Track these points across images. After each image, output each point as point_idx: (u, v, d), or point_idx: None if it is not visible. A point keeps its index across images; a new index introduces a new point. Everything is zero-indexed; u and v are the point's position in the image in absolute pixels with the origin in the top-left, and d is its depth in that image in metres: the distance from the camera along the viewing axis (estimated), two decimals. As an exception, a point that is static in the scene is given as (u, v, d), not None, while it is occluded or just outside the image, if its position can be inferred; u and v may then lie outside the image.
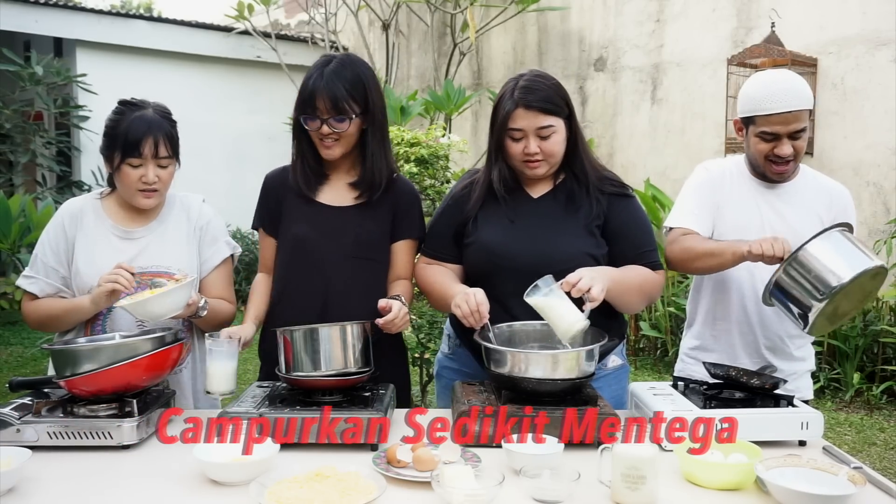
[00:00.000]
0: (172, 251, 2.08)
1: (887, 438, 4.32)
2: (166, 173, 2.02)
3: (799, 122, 2.06)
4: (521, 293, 1.81)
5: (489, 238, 2.03)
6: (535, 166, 1.99)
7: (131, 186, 2.00)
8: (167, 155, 2.00)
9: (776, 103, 2.04)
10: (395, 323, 1.91)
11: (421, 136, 3.66)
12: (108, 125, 2.01)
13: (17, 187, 7.81)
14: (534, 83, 1.96)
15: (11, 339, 6.54)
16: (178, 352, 1.89)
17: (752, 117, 2.11)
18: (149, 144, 1.96)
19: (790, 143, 2.08)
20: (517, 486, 1.45)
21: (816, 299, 1.85)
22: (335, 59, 2.05)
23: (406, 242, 2.16)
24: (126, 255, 2.02)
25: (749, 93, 2.12)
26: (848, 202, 2.23)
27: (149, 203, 2.04)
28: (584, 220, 2.02)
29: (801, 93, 2.06)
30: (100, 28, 8.06)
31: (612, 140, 6.95)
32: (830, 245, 1.89)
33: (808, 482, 1.44)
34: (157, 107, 2.05)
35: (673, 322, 5.77)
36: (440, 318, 3.64)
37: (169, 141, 2.01)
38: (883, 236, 5.03)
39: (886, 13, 5.20)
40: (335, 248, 2.06)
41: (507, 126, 1.96)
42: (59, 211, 2.11)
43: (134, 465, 1.64)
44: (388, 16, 7.34)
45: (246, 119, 8.79)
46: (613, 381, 2.11)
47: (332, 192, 2.12)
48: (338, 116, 1.99)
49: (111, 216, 2.08)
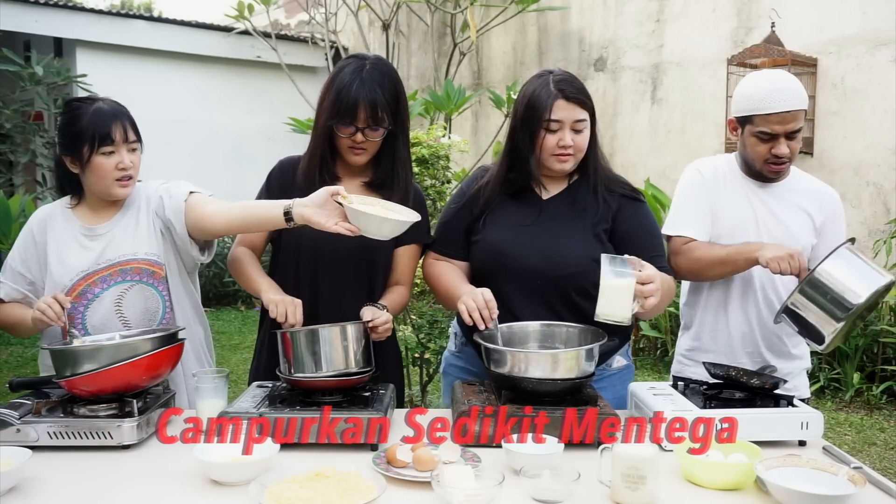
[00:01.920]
0: (134, 236, 2.08)
1: (887, 438, 4.32)
2: (136, 158, 2.06)
3: (796, 121, 2.07)
4: (525, 294, 1.81)
5: (496, 237, 2.03)
6: (565, 160, 1.99)
7: (107, 177, 2.02)
8: (135, 139, 2.04)
9: (775, 103, 2.05)
10: (378, 331, 1.90)
11: (422, 136, 3.66)
12: (65, 124, 2.02)
13: (17, 187, 7.82)
14: (569, 77, 1.99)
15: (11, 339, 6.54)
16: (177, 352, 1.89)
17: (749, 117, 2.11)
18: (118, 129, 2.00)
19: (786, 143, 2.09)
20: (517, 486, 1.45)
21: (836, 319, 1.87)
22: (369, 64, 1.98)
23: (410, 248, 2.15)
24: (94, 251, 2.06)
25: (747, 92, 2.12)
26: (837, 206, 2.24)
27: (126, 192, 2.06)
28: (592, 223, 2.02)
29: (798, 92, 2.07)
30: (100, 28, 8.06)
31: (612, 140, 6.95)
32: (843, 263, 1.90)
33: (808, 482, 1.44)
34: (108, 100, 2.08)
35: (673, 322, 5.77)
36: (440, 317, 3.64)
37: (131, 125, 2.04)
38: (883, 236, 5.03)
39: (886, 13, 5.20)
40: (340, 248, 2.05)
41: (546, 117, 1.94)
42: (30, 219, 2.15)
43: (134, 465, 1.64)
44: (388, 16, 7.34)
45: (246, 119, 8.79)
46: (618, 381, 2.11)
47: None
48: (374, 126, 1.97)
49: (79, 218, 2.11)
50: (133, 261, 2.06)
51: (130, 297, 2.05)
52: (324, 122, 2.00)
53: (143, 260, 2.07)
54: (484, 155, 5.23)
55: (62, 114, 2.06)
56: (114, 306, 2.04)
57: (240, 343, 6.57)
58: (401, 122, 2.04)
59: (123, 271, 2.06)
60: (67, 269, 2.04)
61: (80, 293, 2.03)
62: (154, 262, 2.08)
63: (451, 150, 3.76)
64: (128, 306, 2.05)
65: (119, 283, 2.04)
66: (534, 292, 1.96)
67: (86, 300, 2.03)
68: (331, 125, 1.98)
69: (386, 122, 1.98)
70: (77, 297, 2.03)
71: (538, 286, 1.97)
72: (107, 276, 2.05)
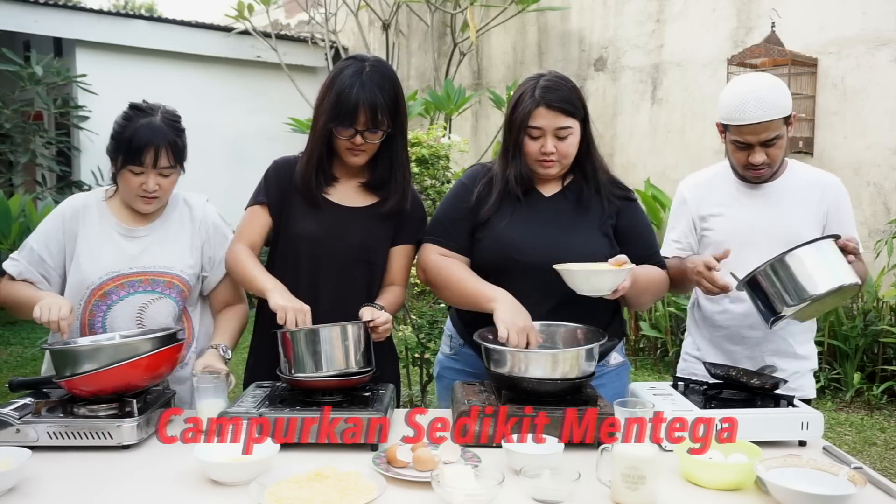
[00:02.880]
0: (174, 250, 2.08)
1: (887, 438, 4.32)
2: (168, 182, 2.02)
3: (770, 131, 2.05)
4: (535, 290, 1.81)
5: (505, 234, 2.02)
6: (548, 166, 2.00)
7: (131, 192, 2.01)
8: (169, 165, 1.98)
9: (745, 114, 2.04)
10: (378, 330, 1.90)
11: (422, 136, 3.66)
12: (115, 128, 1.99)
13: (17, 187, 7.82)
14: (555, 83, 1.98)
15: (11, 339, 6.54)
16: (177, 352, 1.89)
17: (725, 124, 2.12)
18: (150, 155, 1.94)
19: (763, 151, 2.09)
20: (517, 486, 1.45)
21: (790, 303, 1.89)
22: (369, 66, 1.97)
23: (405, 247, 2.15)
24: (128, 253, 2.03)
25: (723, 100, 2.12)
26: (840, 192, 2.22)
27: (148, 208, 2.04)
28: (597, 220, 2.04)
29: (772, 102, 2.03)
30: (100, 28, 8.06)
31: (612, 140, 6.94)
32: (817, 254, 1.89)
33: (809, 482, 1.44)
34: (166, 113, 2.02)
35: (673, 322, 5.77)
36: (440, 317, 3.64)
37: (172, 150, 1.98)
38: (883, 236, 5.03)
39: (886, 13, 5.20)
40: (340, 248, 2.05)
41: (527, 124, 1.96)
42: (62, 204, 2.10)
43: (134, 465, 1.64)
44: (388, 16, 7.34)
45: (246, 119, 8.78)
46: (615, 378, 2.12)
47: (341, 193, 2.09)
48: (373, 128, 1.97)
49: (116, 214, 2.08)
50: (167, 274, 2.05)
51: (156, 307, 2.04)
52: (323, 125, 1.99)
53: (177, 276, 2.06)
54: (484, 155, 5.22)
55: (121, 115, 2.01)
56: (136, 312, 2.03)
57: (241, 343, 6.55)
58: (399, 124, 2.04)
59: (155, 282, 2.04)
60: (99, 267, 2.01)
61: (106, 293, 2.01)
62: (185, 280, 2.07)
63: (451, 150, 3.76)
64: (150, 316, 2.04)
65: (147, 292, 2.03)
66: (544, 288, 1.95)
67: (109, 300, 2.02)
68: (330, 128, 1.98)
69: (385, 124, 1.98)
70: (102, 295, 2.01)
71: (549, 282, 1.96)
72: (136, 281, 2.03)
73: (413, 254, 2.19)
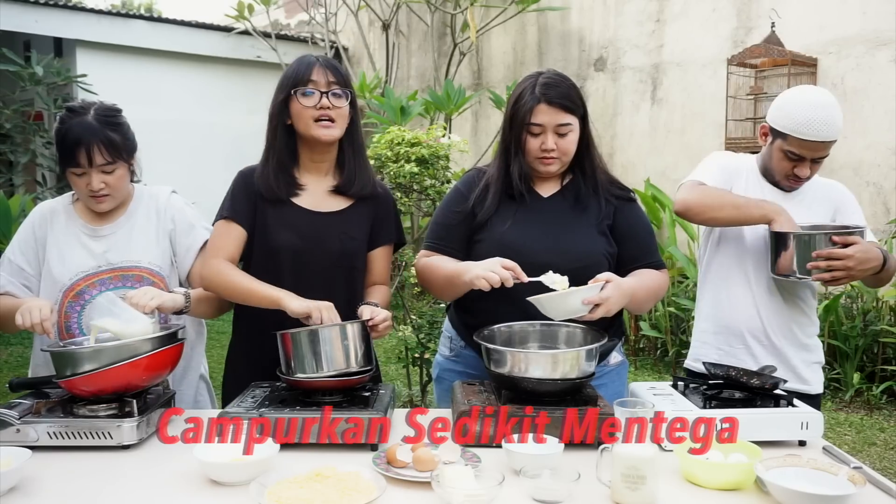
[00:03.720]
0: (140, 244, 2.08)
1: (887, 438, 4.32)
2: (114, 178, 1.99)
3: (826, 150, 2.14)
4: (537, 290, 1.81)
5: (505, 235, 2.01)
6: (549, 163, 2.00)
7: (82, 193, 2.02)
8: (106, 161, 1.95)
9: (815, 131, 2.09)
10: (378, 329, 1.89)
11: (422, 136, 3.66)
12: (54, 133, 2.00)
13: (17, 187, 7.83)
14: (555, 80, 1.99)
15: (11, 339, 6.54)
16: (178, 352, 1.89)
17: (784, 134, 2.14)
18: (83, 154, 1.93)
19: (810, 167, 2.16)
20: (517, 486, 1.45)
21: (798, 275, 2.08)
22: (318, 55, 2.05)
23: (385, 248, 2.16)
24: (95, 252, 2.05)
25: (790, 111, 2.13)
26: (844, 195, 2.32)
27: (102, 207, 2.04)
28: (595, 220, 2.04)
29: (837, 124, 2.11)
30: (100, 28, 8.07)
31: (612, 140, 6.94)
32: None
33: (808, 482, 1.44)
34: (99, 109, 1.99)
35: (673, 322, 5.78)
36: (440, 317, 3.64)
37: (106, 146, 1.94)
38: (883, 236, 5.03)
39: (886, 13, 5.20)
40: (320, 256, 2.03)
41: (528, 121, 1.97)
42: (32, 212, 2.13)
43: (134, 465, 1.64)
44: (388, 16, 7.34)
45: (246, 119, 8.77)
46: (615, 377, 2.13)
47: (312, 199, 2.06)
48: (336, 90, 1.97)
49: (81, 216, 2.10)
50: (136, 268, 2.06)
51: None
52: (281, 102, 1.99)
53: (145, 269, 2.07)
54: (484, 155, 5.23)
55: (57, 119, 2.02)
56: None
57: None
58: (354, 110, 2.06)
59: (125, 277, 2.06)
60: (68, 269, 2.04)
61: (78, 293, 2.03)
62: (156, 272, 2.08)
63: (451, 150, 3.76)
64: None
65: (119, 288, 2.03)
66: (545, 288, 1.95)
67: (83, 300, 2.03)
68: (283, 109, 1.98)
69: (348, 91, 2.00)
70: (75, 296, 2.03)
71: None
72: (106, 278, 2.05)
73: (391, 253, 2.21)
